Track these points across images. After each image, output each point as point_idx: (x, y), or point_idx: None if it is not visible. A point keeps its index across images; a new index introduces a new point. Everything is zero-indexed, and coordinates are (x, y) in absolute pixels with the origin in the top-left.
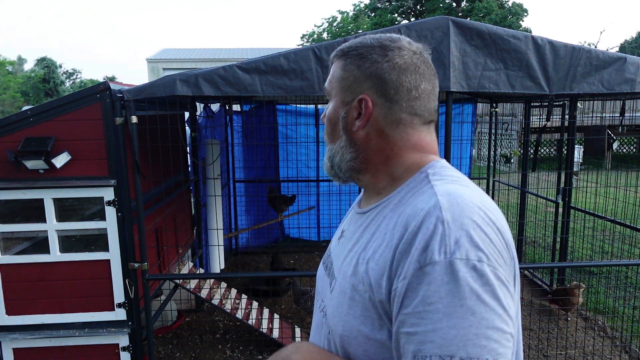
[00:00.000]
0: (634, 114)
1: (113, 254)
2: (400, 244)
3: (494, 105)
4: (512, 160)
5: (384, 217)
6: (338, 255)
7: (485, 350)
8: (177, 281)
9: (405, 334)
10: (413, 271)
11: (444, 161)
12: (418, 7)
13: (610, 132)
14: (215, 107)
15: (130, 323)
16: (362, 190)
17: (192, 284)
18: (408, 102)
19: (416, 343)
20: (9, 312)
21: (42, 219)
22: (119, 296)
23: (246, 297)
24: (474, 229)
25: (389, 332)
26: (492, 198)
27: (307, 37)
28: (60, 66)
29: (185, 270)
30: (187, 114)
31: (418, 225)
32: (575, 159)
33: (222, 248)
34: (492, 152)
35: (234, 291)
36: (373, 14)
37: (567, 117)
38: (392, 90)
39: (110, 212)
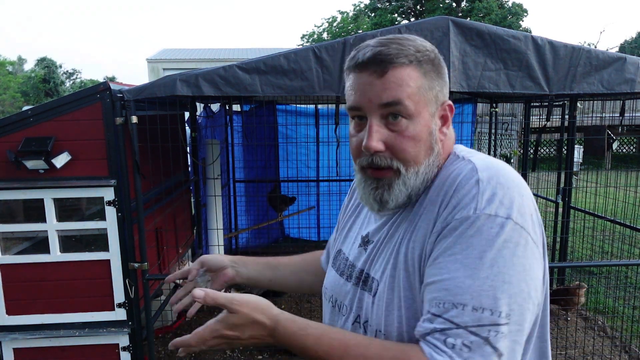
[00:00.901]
0: (634, 114)
1: (113, 254)
2: (440, 209)
3: (494, 105)
4: (512, 160)
5: (419, 203)
6: (372, 261)
7: (499, 303)
8: (178, 281)
9: (426, 284)
10: (440, 229)
11: (460, 145)
12: (418, 7)
13: (610, 132)
14: (215, 107)
15: (130, 323)
16: None
17: None
18: None
19: (432, 290)
20: (9, 312)
21: (42, 219)
22: (119, 296)
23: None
24: (508, 189)
25: None
26: None
27: (307, 37)
28: (60, 66)
29: None
30: (187, 114)
31: (455, 187)
32: (575, 159)
33: (222, 248)
34: (492, 152)
35: (234, 291)
36: (373, 14)
37: (567, 117)
38: (447, 90)
39: (110, 212)
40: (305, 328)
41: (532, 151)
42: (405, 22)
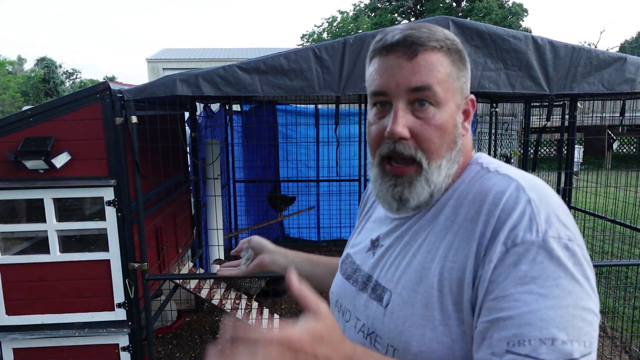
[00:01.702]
0: (634, 114)
1: (113, 254)
2: (487, 231)
3: (494, 105)
4: (512, 160)
5: (444, 214)
6: (381, 267)
7: (582, 332)
8: (177, 281)
9: (495, 320)
10: (500, 254)
11: (481, 153)
12: (418, 7)
13: (610, 132)
14: (215, 107)
15: (130, 323)
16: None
17: (192, 284)
18: None
19: (510, 327)
20: (9, 312)
21: (42, 219)
22: (119, 296)
23: (246, 296)
24: (559, 209)
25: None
26: None
27: (307, 37)
28: (60, 66)
29: (185, 270)
30: (187, 114)
31: (502, 207)
32: (575, 159)
33: (222, 248)
34: (492, 152)
35: (234, 291)
36: (373, 14)
37: (567, 117)
38: (469, 84)
39: (110, 212)
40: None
41: (532, 151)
42: (405, 22)
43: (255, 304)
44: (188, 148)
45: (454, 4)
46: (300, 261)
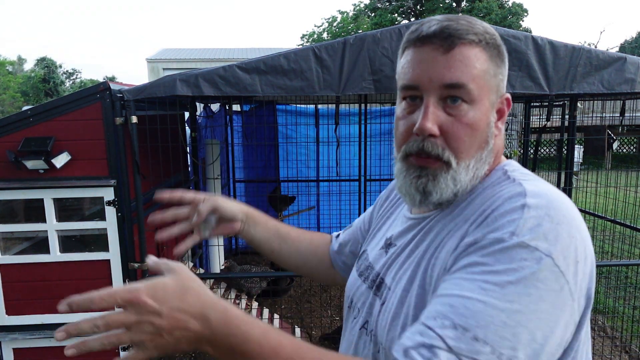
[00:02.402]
0: (634, 114)
1: (113, 254)
2: (471, 227)
3: None
4: None
5: (452, 216)
6: (390, 266)
7: (504, 344)
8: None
9: (435, 295)
10: (465, 246)
11: (514, 161)
12: (418, 7)
13: (610, 132)
14: (215, 107)
15: None
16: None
17: None
18: None
19: (436, 303)
20: (9, 312)
21: (42, 219)
22: None
23: (246, 296)
24: (558, 224)
25: None
26: None
27: (307, 37)
28: (60, 66)
29: None
30: (187, 114)
31: (495, 207)
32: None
33: (222, 248)
34: None
35: (233, 291)
36: (373, 14)
37: (567, 117)
38: (506, 82)
39: (110, 212)
40: (251, 319)
41: (532, 151)
42: (405, 22)
43: (255, 304)
44: (188, 148)
45: (454, 4)
46: (269, 235)
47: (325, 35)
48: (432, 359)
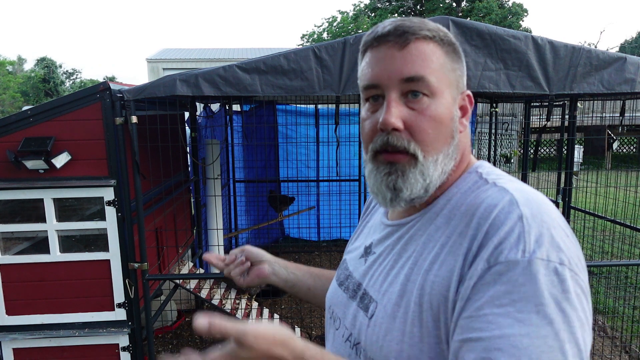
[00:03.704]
0: (634, 114)
1: (113, 254)
2: (473, 246)
3: (494, 105)
4: (512, 160)
5: (435, 225)
6: (371, 275)
7: None
8: (177, 281)
9: (466, 340)
10: (481, 271)
11: (485, 162)
12: (418, 7)
13: (610, 132)
14: (215, 107)
15: (130, 323)
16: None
17: (192, 284)
18: None
19: (479, 350)
20: (9, 312)
21: (42, 219)
22: (119, 296)
23: (247, 296)
24: (555, 228)
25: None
26: None
27: (307, 37)
28: (60, 66)
29: (185, 270)
30: (187, 114)
31: (491, 222)
32: (575, 159)
33: (222, 248)
34: (492, 152)
35: (234, 291)
36: (373, 14)
37: (567, 117)
38: (465, 79)
39: (110, 212)
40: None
41: (532, 151)
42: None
43: (255, 304)
44: (188, 148)
45: (454, 4)
46: (301, 274)
47: (325, 35)
48: None
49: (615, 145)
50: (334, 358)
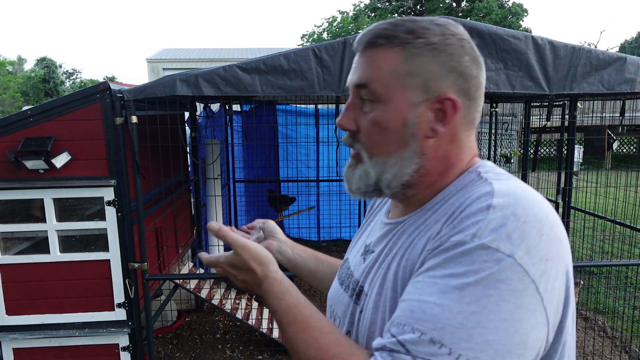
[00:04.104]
0: (634, 114)
1: (113, 254)
2: (443, 228)
3: (494, 105)
4: (512, 160)
5: (424, 218)
6: (367, 273)
7: (462, 345)
8: (177, 281)
9: (401, 301)
10: (432, 248)
11: (490, 162)
12: (418, 7)
13: (610, 132)
14: (215, 107)
15: (130, 323)
16: (389, 199)
17: (192, 284)
18: (480, 99)
19: (400, 308)
20: (9, 312)
21: (42, 219)
22: (119, 296)
23: (247, 296)
24: (524, 223)
25: None
26: None
27: (307, 37)
28: (60, 66)
29: (185, 270)
30: (187, 114)
31: (462, 209)
32: (575, 159)
33: (222, 248)
34: (492, 152)
35: (234, 291)
36: (373, 14)
37: (567, 117)
38: (473, 88)
39: (110, 212)
40: (285, 293)
41: (532, 151)
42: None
43: (255, 304)
44: (188, 148)
45: (454, 4)
46: (306, 256)
47: (325, 35)
48: None
49: (615, 145)
50: (289, 288)
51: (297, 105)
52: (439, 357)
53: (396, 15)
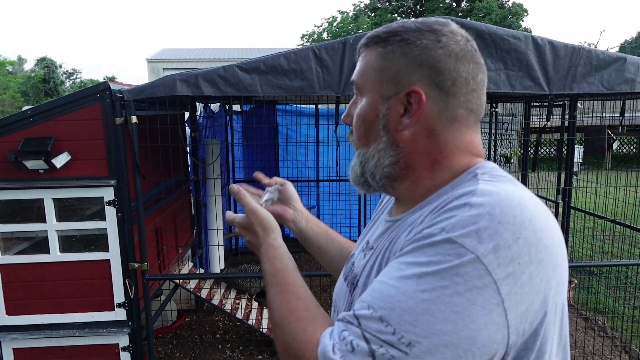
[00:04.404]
0: (634, 114)
1: (113, 254)
2: (422, 223)
3: (494, 105)
4: (512, 160)
5: (416, 217)
6: (364, 266)
7: (406, 328)
8: (177, 281)
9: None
10: (404, 241)
11: (493, 163)
12: (418, 7)
13: (610, 132)
14: (215, 107)
15: (130, 323)
16: (393, 199)
17: (192, 284)
18: (465, 95)
19: (368, 288)
20: (9, 312)
21: (42, 219)
22: (119, 296)
23: (247, 296)
24: (499, 224)
25: None
26: None
27: (307, 37)
28: (60, 66)
29: (185, 270)
30: (187, 114)
31: (443, 205)
32: (575, 159)
33: (222, 248)
34: (492, 152)
35: (234, 291)
36: (373, 14)
37: (567, 117)
38: (449, 82)
39: (110, 212)
40: (276, 259)
41: (532, 151)
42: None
43: (255, 304)
44: (188, 148)
45: (454, 4)
46: (319, 231)
47: (325, 35)
48: (343, 331)
49: (615, 145)
50: (283, 254)
51: (297, 105)
52: (384, 335)
53: (396, 15)
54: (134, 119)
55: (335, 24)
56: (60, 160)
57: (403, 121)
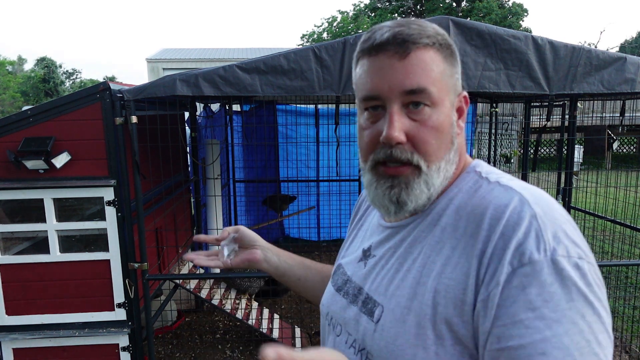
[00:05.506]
0: (634, 114)
1: (113, 254)
2: (488, 247)
3: (494, 105)
4: (512, 160)
5: (440, 226)
6: (373, 279)
7: (598, 357)
8: (177, 281)
9: (505, 349)
10: (507, 275)
11: (481, 160)
12: (418, 7)
13: (610, 132)
14: (215, 107)
15: (130, 323)
16: (369, 203)
17: (192, 284)
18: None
19: (523, 357)
20: (9, 312)
21: (42, 219)
22: (119, 296)
23: (247, 297)
24: (566, 224)
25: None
26: None
27: (307, 37)
28: (60, 66)
29: (185, 270)
30: (187, 114)
31: (505, 223)
32: (575, 159)
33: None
34: (492, 152)
35: (233, 291)
36: (373, 14)
37: (567, 117)
38: (464, 84)
39: (110, 212)
40: None
41: (532, 151)
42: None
43: (255, 304)
44: (188, 148)
45: (454, 4)
46: (294, 264)
47: (325, 35)
48: None
49: (615, 145)
50: None
51: (297, 105)
52: None
53: (396, 15)
54: (134, 119)
55: (335, 24)
56: (60, 160)
57: (460, 124)
